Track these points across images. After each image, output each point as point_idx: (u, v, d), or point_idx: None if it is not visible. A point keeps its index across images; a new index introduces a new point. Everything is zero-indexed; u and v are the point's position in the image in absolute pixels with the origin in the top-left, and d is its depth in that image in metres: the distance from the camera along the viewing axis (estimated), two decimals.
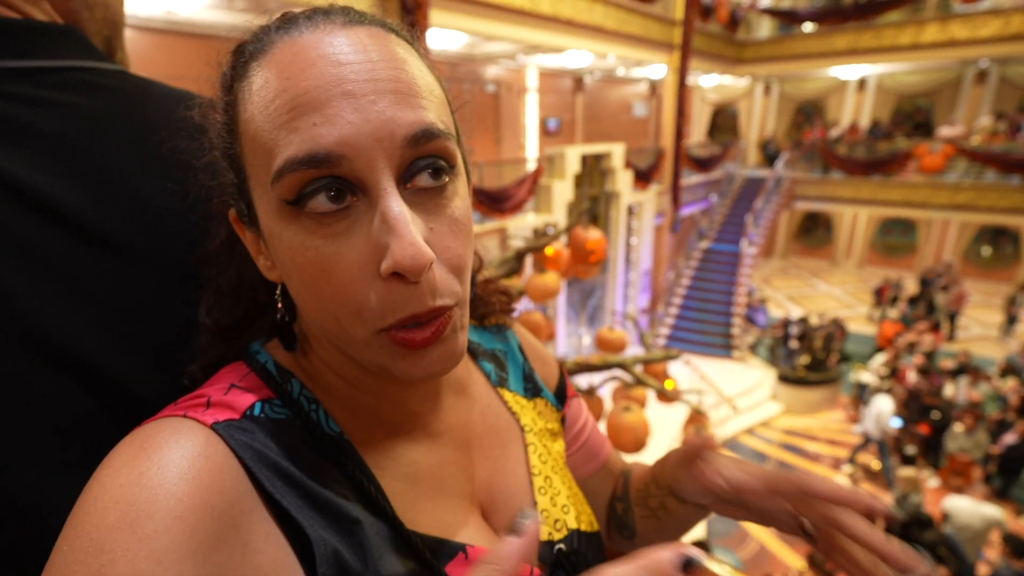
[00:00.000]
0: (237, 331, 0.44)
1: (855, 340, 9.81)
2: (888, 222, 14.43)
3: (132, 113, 0.46)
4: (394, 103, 0.33)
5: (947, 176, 11.03)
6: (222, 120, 0.38)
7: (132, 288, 0.42)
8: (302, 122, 0.32)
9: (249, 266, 0.43)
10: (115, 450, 0.32)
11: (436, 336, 0.36)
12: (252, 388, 0.39)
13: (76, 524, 0.29)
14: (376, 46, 0.35)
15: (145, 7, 4.87)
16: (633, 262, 9.65)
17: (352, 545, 0.35)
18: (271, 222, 0.35)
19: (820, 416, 8.29)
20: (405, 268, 0.32)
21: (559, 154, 7.39)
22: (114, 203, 0.42)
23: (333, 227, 0.34)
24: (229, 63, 0.38)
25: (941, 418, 6.58)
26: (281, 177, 0.33)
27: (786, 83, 14.65)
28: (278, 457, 0.35)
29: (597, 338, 2.52)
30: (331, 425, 0.40)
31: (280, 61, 0.34)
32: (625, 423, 1.97)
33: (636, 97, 12.48)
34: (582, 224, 2.25)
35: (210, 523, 0.30)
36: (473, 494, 0.47)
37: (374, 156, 0.33)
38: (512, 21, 6.39)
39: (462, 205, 0.38)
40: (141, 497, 0.29)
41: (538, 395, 0.58)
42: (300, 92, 0.33)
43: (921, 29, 10.77)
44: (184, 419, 0.34)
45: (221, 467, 0.32)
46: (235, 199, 0.39)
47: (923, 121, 13.19)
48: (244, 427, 0.35)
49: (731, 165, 13.20)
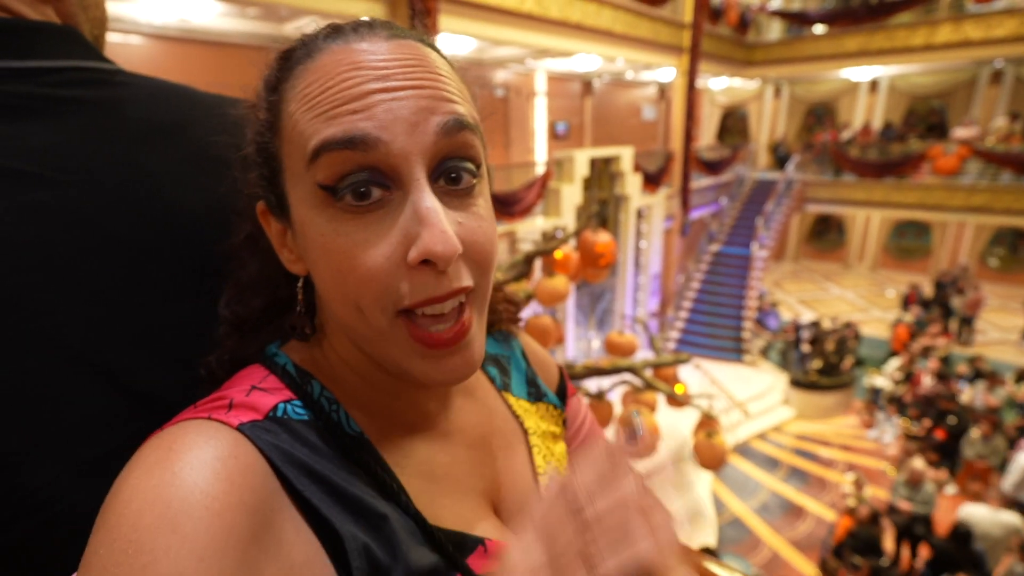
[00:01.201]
0: (254, 325, 0.45)
1: (869, 344, 9.68)
2: (902, 224, 14.24)
3: (136, 110, 0.46)
4: (428, 97, 0.36)
5: (962, 178, 10.86)
6: (265, 118, 0.39)
7: (142, 283, 0.42)
8: (342, 111, 0.35)
9: (270, 261, 0.44)
10: (141, 453, 0.32)
11: (458, 339, 0.37)
12: (273, 389, 0.39)
13: (111, 526, 0.28)
14: (416, 56, 0.37)
15: (160, 16, 4.95)
16: (643, 266, 9.61)
17: (381, 540, 0.36)
18: (304, 209, 0.37)
19: (833, 421, 8.17)
20: (436, 255, 0.34)
21: (568, 158, 7.39)
22: (121, 199, 0.42)
23: (366, 216, 0.35)
24: (276, 66, 0.40)
25: (957, 423, 6.47)
26: (317, 158, 0.35)
27: (796, 85, 14.54)
28: (304, 456, 0.35)
29: (606, 342, 2.51)
30: (352, 425, 0.41)
31: (327, 63, 0.36)
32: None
33: (645, 100, 12.45)
34: (591, 227, 2.24)
35: (246, 520, 0.30)
36: (485, 492, 0.48)
37: (408, 144, 0.35)
38: (521, 26, 6.41)
39: (486, 205, 0.40)
40: (177, 496, 0.29)
41: (541, 399, 0.59)
42: (343, 88, 0.35)
43: (934, 30, 10.64)
44: (209, 421, 0.34)
45: (251, 466, 0.32)
46: (265, 191, 0.41)
47: (937, 122, 13.02)
48: (268, 428, 0.35)
49: (741, 168, 13.11)
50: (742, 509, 6.19)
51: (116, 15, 4.79)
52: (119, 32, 5.15)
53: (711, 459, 2.23)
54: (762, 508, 6.21)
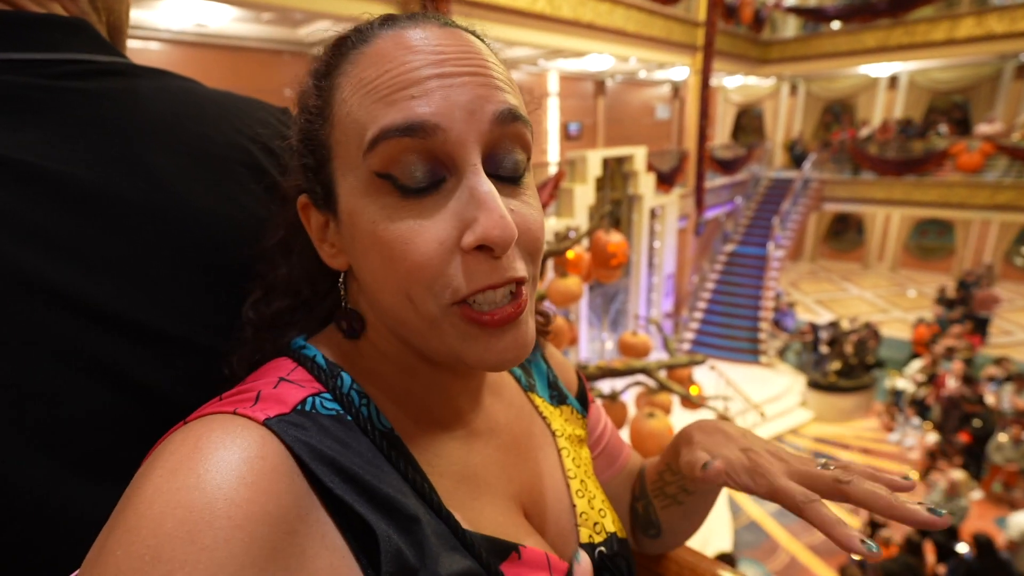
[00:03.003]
0: (277, 326, 0.44)
1: (890, 345, 9.48)
2: (923, 223, 13.93)
3: (141, 103, 0.46)
4: (483, 84, 0.36)
5: (986, 175, 10.59)
6: (315, 104, 0.39)
7: (142, 276, 0.41)
8: (400, 95, 0.34)
9: (301, 264, 0.44)
10: (165, 448, 0.31)
11: (514, 316, 0.37)
12: (302, 382, 0.38)
13: (131, 527, 0.28)
14: (466, 41, 0.38)
15: (177, 22, 5.04)
16: (656, 266, 9.53)
17: (412, 543, 0.35)
18: (354, 198, 0.37)
19: (853, 424, 8.02)
20: (494, 240, 0.33)
21: (580, 158, 7.36)
22: (122, 190, 0.41)
23: (421, 202, 0.35)
24: (328, 53, 0.39)
25: (983, 426, 6.30)
26: (375, 146, 0.34)
27: (813, 82, 14.32)
28: (333, 452, 0.34)
29: (620, 343, 2.49)
30: (382, 421, 0.40)
31: (382, 48, 0.36)
32: (649, 429, 1.94)
33: (658, 100, 12.36)
34: (603, 227, 2.23)
35: (267, 532, 0.29)
36: (515, 495, 0.47)
37: (465, 131, 0.35)
38: (532, 26, 6.40)
39: (534, 195, 0.40)
40: (200, 503, 0.28)
41: (564, 402, 0.58)
42: (400, 72, 0.35)
43: (956, 23, 10.39)
44: (235, 416, 0.33)
45: (277, 468, 0.31)
46: (310, 182, 0.40)
47: (960, 118, 12.71)
48: (295, 422, 0.34)
49: (756, 167, 12.94)
50: (759, 513, 6.10)
51: (136, 21, 4.90)
52: (139, 39, 5.26)
53: None
54: (779, 512, 6.11)
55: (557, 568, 0.43)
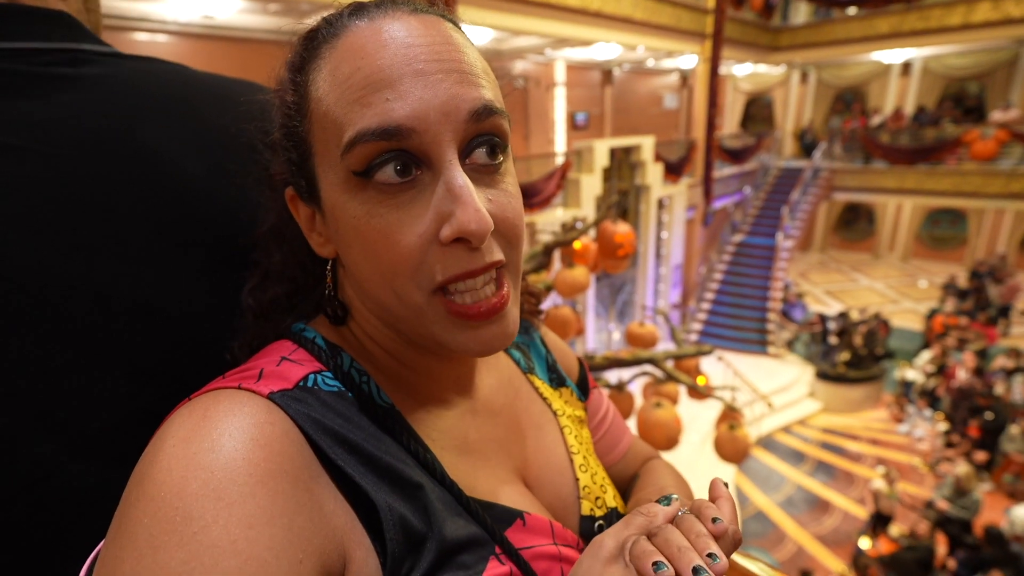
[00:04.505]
0: (276, 312, 0.45)
1: (900, 336, 9.40)
2: (935, 213, 13.73)
3: (130, 86, 0.46)
4: (458, 82, 0.36)
5: (1001, 163, 10.40)
6: (292, 100, 0.39)
7: (140, 256, 0.42)
8: (375, 97, 0.34)
9: (294, 250, 0.45)
10: (174, 422, 0.32)
11: (497, 309, 0.38)
12: (303, 361, 0.39)
13: (152, 496, 0.28)
14: (439, 32, 0.37)
15: (185, 13, 5.04)
16: (664, 256, 9.48)
17: (416, 509, 0.36)
18: (336, 194, 0.37)
19: (862, 415, 7.98)
20: (470, 233, 0.34)
21: (587, 148, 7.31)
22: (113, 171, 0.42)
23: (398, 197, 0.36)
24: (300, 47, 0.40)
25: (994, 419, 6.24)
26: (352, 148, 0.35)
27: (824, 70, 14.08)
28: (336, 425, 0.35)
29: (627, 333, 2.49)
30: (382, 397, 0.41)
31: (354, 43, 0.36)
32: (656, 419, 1.94)
33: (666, 88, 12.22)
34: (610, 218, 2.22)
35: (288, 487, 0.30)
36: (516, 469, 0.48)
37: (441, 130, 0.35)
38: (540, 15, 6.34)
39: (513, 182, 0.40)
40: (219, 463, 0.29)
41: (563, 385, 0.59)
42: (374, 70, 0.35)
43: (972, 8, 10.16)
44: (239, 391, 0.34)
45: (287, 432, 0.32)
46: (295, 176, 0.41)
47: (974, 106, 12.46)
48: (298, 397, 0.35)
49: (766, 156, 12.79)
50: (766, 503, 6.10)
51: (143, 14, 4.90)
52: (146, 31, 5.27)
53: (733, 452, 2.20)
54: (787, 502, 6.11)
55: (561, 536, 0.44)
